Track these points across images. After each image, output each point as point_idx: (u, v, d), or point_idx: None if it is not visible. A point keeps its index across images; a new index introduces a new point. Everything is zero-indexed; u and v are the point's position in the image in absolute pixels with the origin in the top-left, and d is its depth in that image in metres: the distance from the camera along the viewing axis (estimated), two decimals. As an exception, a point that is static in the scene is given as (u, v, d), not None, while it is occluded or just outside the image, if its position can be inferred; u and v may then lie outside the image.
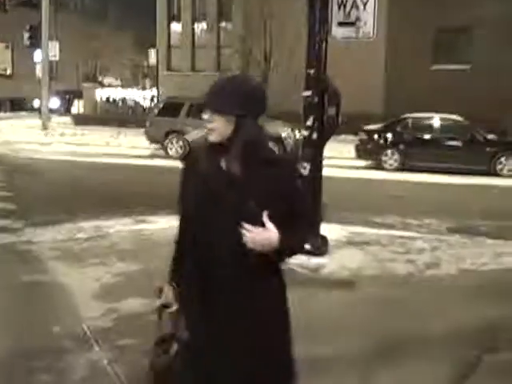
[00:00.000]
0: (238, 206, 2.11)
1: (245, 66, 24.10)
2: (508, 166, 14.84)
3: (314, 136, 6.27)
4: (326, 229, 6.55)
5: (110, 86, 35.88)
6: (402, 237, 7.55)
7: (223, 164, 2.17)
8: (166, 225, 7.91)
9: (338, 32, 6.43)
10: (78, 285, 5.41)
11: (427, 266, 6.28)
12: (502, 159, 14.81)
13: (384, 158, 15.29)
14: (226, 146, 2.15)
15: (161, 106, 18.25)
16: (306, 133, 6.40)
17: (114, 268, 5.97)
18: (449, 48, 22.22)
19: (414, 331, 4.50)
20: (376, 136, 15.75)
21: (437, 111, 16.06)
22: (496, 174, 14.63)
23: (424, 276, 5.98)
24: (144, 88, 32.36)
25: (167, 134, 17.33)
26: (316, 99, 6.09)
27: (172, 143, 17.36)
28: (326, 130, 6.27)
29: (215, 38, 26.46)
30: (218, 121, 2.14)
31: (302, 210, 2.24)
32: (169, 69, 27.23)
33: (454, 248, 7.10)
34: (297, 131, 16.77)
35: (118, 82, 42.30)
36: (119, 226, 7.84)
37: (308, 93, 6.17)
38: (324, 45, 6.23)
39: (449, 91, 20.23)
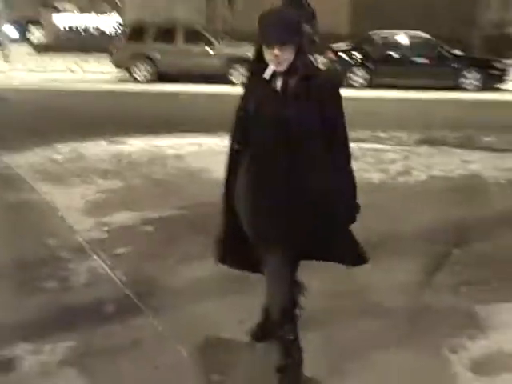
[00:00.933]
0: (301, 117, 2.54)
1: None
2: (472, 81, 15.14)
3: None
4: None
5: (65, 11, 34.63)
6: (373, 149, 7.80)
7: (282, 86, 2.57)
8: (143, 146, 8.07)
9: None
10: (64, 202, 5.54)
11: (399, 174, 6.57)
12: (467, 74, 15.09)
13: (352, 76, 15.41)
14: (287, 70, 2.53)
15: (126, 30, 17.83)
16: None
17: (97, 186, 6.10)
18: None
19: (390, 231, 4.81)
20: (343, 54, 15.80)
21: (402, 28, 16.14)
22: (461, 89, 14.96)
23: (396, 183, 6.28)
24: (104, 12, 31.34)
25: (134, 59, 17.09)
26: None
27: (139, 68, 17.14)
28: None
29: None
30: (286, 51, 2.48)
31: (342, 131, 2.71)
32: (131, -9, 26.38)
33: (423, 157, 7.41)
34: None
35: (74, 7, 40.79)
36: (95, 148, 7.91)
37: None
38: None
39: (412, 8, 20.18)
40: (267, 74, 2.49)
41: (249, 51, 16.58)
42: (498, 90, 15.23)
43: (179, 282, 3.89)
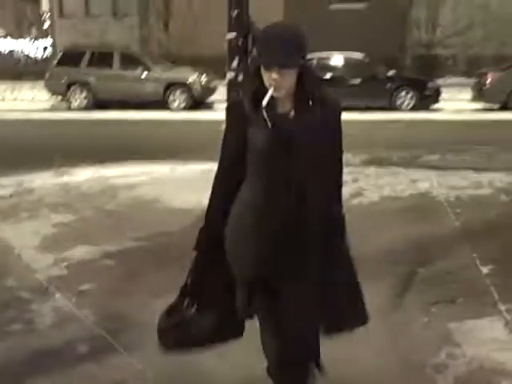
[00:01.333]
0: (313, 148, 2.27)
1: (144, 12, 23.50)
2: (407, 101, 15.64)
3: (240, 78, 6.39)
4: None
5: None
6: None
7: (291, 112, 2.26)
8: (91, 176, 7.91)
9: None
10: (18, 239, 5.35)
11: (352, 195, 6.66)
12: (402, 94, 15.58)
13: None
14: (290, 96, 2.24)
15: (60, 55, 17.53)
16: (230, 75, 6.50)
17: (49, 220, 5.92)
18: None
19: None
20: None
21: (337, 50, 16.55)
22: (396, 109, 15.43)
23: (351, 204, 6.36)
24: (36, 38, 30.78)
25: (69, 85, 16.80)
26: (240, 41, 6.19)
27: (75, 94, 16.86)
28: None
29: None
30: (286, 75, 2.17)
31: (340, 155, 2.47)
32: (61, 15, 26.01)
33: (373, 178, 7.56)
34: (203, 76, 16.75)
35: (2, 32, 39.94)
36: (42, 180, 7.70)
37: (232, 35, 6.25)
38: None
39: (347, 30, 20.75)
40: (265, 101, 2.20)
41: (187, 75, 16.75)
42: (432, 109, 15.78)
43: (152, 318, 3.76)
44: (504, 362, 3.28)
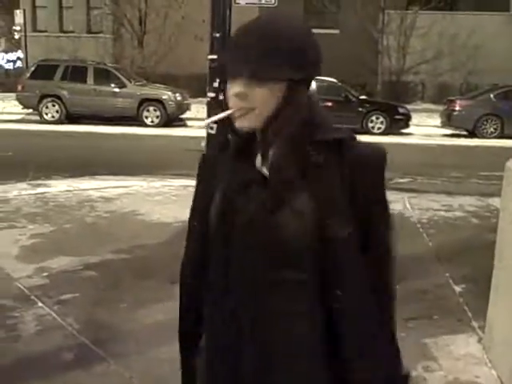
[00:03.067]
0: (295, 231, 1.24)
1: (117, 28, 23.58)
2: (378, 125, 15.98)
3: (221, 97, 6.51)
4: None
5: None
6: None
7: (262, 166, 1.30)
8: (67, 188, 7.91)
9: (241, -3, 6.66)
10: (-4, 248, 5.35)
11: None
12: (373, 118, 15.92)
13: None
14: (265, 135, 1.29)
15: (33, 68, 17.45)
16: (211, 94, 6.62)
17: (27, 230, 5.92)
18: (318, 12, 23.12)
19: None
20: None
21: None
22: (368, 132, 15.72)
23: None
24: (5, 50, 30.52)
25: (41, 98, 16.72)
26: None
27: (47, 107, 16.78)
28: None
29: (83, -3, 25.54)
30: (257, 94, 1.23)
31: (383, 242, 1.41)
32: (35, 30, 25.93)
33: (347, 198, 7.72)
34: (177, 94, 16.85)
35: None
36: (17, 191, 7.68)
37: (214, 56, 6.38)
38: (229, 7, 6.44)
39: (319, 54, 21.12)
40: (206, 122, 1.39)
41: (162, 92, 16.80)
42: (402, 133, 16.15)
43: (136, 327, 3.84)
44: (479, 375, 3.41)
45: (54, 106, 16.75)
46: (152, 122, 16.46)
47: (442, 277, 4.93)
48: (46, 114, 16.80)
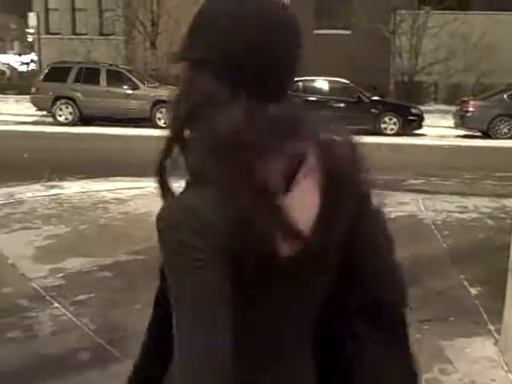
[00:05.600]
0: None
1: (130, 30, 23.67)
2: (391, 125, 15.93)
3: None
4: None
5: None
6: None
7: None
8: (81, 190, 7.95)
9: None
10: (12, 249, 5.36)
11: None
12: (386, 119, 15.87)
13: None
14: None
15: (47, 70, 17.56)
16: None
17: (42, 231, 5.96)
18: (330, 13, 23.10)
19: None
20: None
21: (320, 74, 16.83)
22: (381, 133, 15.68)
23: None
24: (19, 53, 30.76)
25: (55, 100, 16.82)
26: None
27: (61, 109, 16.88)
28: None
29: (96, 0, 25.68)
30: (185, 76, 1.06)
31: None
32: (48, 32, 26.11)
33: (360, 200, 7.70)
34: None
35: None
36: (32, 193, 7.72)
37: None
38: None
39: (331, 55, 21.11)
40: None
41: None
42: (415, 134, 16.09)
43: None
44: (495, 379, 3.40)
45: (67, 107, 16.84)
46: (165, 123, 16.41)
47: (457, 279, 4.90)
48: (60, 115, 16.90)
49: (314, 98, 16.19)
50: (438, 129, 17.42)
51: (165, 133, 1.07)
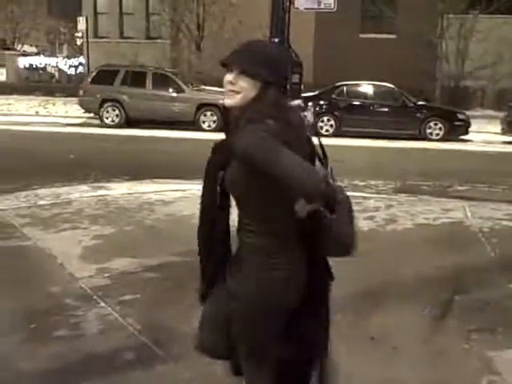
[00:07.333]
0: None
1: (175, 33, 23.92)
2: (436, 131, 15.68)
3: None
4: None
5: (25, 53, 34.57)
6: (354, 197, 7.95)
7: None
8: (127, 191, 8.05)
9: (300, 3, 6.67)
10: (60, 248, 5.47)
11: (386, 222, 6.73)
12: (431, 124, 15.63)
13: (320, 125, 15.76)
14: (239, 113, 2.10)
15: (94, 73, 17.90)
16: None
17: (90, 231, 6.05)
18: (376, 18, 22.93)
19: (390, 279, 4.91)
20: (311, 103, 16.18)
21: (365, 78, 16.70)
22: (426, 138, 15.47)
23: (386, 231, 6.43)
24: (68, 56, 31.42)
25: (102, 103, 17.12)
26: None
27: (108, 112, 17.17)
28: (291, 97, 6.55)
29: (144, 4, 26.04)
30: (244, 82, 2.05)
31: None
32: (96, 36, 26.61)
33: (405, 206, 7.60)
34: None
35: (34, 49, 40.81)
36: (79, 193, 7.87)
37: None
38: (288, 15, 6.46)
39: (376, 59, 20.93)
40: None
41: (219, 97, 17.02)
42: (461, 140, 15.81)
43: (196, 328, 3.87)
44: (546, 392, 3.30)
45: (114, 110, 17.12)
46: (209, 126, 16.63)
47: (506, 288, 4.79)
48: (107, 118, 17.20)
49: (358, 103, 16.09)
50: (485, 134, 17.08)
51: (209, 136, 1.91)
